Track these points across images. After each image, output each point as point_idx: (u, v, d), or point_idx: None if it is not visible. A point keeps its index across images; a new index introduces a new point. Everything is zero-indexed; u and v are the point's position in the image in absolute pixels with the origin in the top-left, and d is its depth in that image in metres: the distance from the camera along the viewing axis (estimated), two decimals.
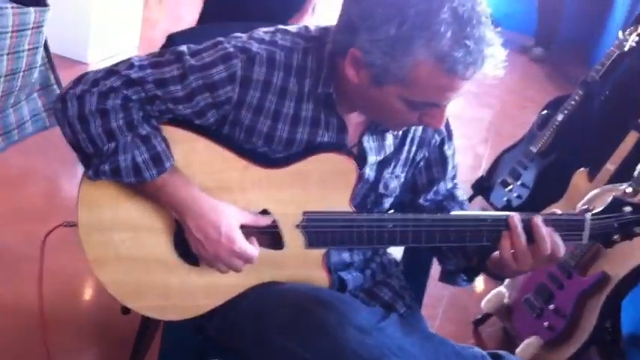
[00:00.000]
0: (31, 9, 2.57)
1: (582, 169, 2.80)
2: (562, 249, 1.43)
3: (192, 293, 1.52)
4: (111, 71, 1.41)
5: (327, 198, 1.46)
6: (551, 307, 2.52)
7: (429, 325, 1.70)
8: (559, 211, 1.49)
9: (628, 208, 1.45)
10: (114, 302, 1.56)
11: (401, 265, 1.80)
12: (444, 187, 1.67)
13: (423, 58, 1.26)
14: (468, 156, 4.45)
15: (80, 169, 1.48)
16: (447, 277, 1.67)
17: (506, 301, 2.73)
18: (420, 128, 1.58)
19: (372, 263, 1.69)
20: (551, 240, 1.41)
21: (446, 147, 1.65)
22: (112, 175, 1.39)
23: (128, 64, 1.41)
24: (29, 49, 2.66)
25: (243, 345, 1.50)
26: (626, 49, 3.09)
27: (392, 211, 1.68)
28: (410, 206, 1.66)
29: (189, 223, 1.41)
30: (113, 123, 1.37)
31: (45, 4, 2.64)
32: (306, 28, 1.49)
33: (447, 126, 1.64)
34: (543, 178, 3.26)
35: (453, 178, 1.70)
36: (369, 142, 1.53)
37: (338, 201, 1.47)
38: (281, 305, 1.43)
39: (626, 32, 3.10)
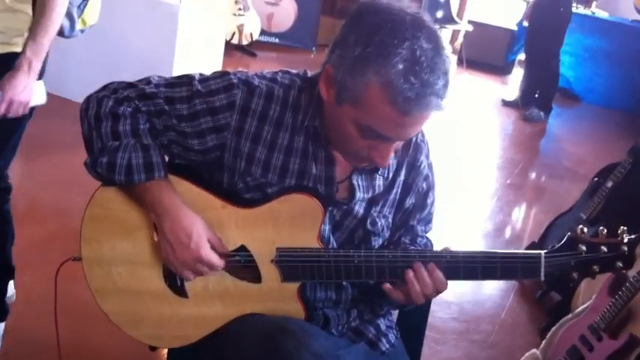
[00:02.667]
0: None
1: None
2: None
3: (182, 323, 1.64)
4: (130, 84, 1.61)
5: (297, 235, 1.57)
6: None
7: None
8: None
9: (583, 247, 1.52)
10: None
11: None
12: (419, 229, 1.76)
13: (373, 81, 1.38)
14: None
15: None
16: None
17: None
18: (403, 173, 1.69)
19: (361, 304, 1.76)
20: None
21: (428, 195, 1.75)
22: (106, 169, 1.55)
23: (146, 80, 1.62)
24: None
25: None
26: None
27: None
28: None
29: (165, 226, 1.54)
30: (121, 126, 1.56)
31: None
32: (305, 71, 1.66)
33: (432, 176, 1.75)
34: None
35: (428, 222, 1.79)
36: (357, 181, 1.64)
37: (307, 238, 1.57)
38: (253, 335, 1.53)
39: None
